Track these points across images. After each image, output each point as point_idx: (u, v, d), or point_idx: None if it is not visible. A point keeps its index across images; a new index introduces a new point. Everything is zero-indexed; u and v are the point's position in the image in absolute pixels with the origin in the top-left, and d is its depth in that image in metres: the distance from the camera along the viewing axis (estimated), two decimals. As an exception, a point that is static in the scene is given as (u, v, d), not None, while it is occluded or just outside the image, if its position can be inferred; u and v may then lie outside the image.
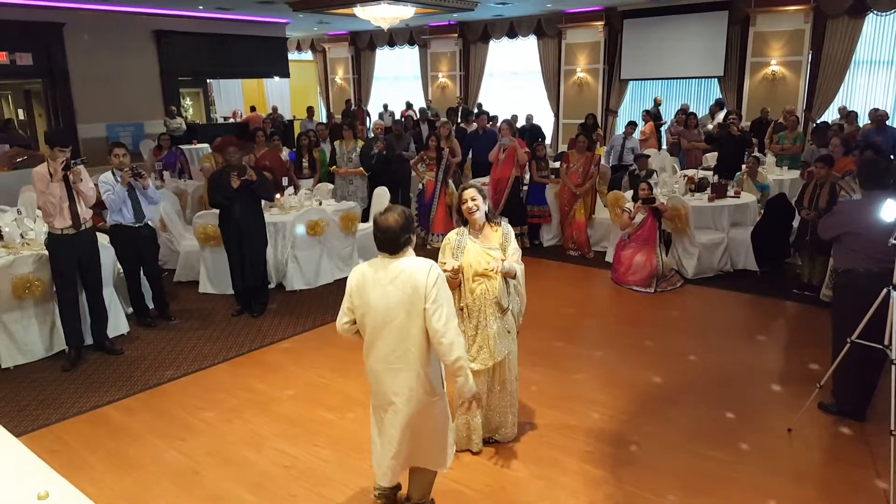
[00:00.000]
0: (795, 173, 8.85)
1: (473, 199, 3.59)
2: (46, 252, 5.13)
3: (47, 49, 13.21)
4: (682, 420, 4.22)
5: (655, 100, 14.57)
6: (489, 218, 3.69)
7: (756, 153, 9.32)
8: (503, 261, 3.54)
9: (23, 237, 5.79)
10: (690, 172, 8.87)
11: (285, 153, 9.56)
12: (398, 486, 3.32)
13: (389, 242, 2.82)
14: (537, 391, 4.60)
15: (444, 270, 3.34)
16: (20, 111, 16.41)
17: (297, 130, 14.49)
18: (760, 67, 13.56)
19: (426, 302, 2.77)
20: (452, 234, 3.68)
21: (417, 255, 2.94)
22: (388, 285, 2.82)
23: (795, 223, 6.98)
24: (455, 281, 3.54)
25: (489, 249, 3.61)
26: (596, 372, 4.94)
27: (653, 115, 13.17)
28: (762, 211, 7.43)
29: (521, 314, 3.87)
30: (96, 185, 5.35)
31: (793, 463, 3.75)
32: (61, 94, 13.51)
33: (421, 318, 2.80)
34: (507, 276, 3.62)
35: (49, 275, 5.17)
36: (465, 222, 3.70)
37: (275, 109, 16.28)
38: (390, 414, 2.94)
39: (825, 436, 4.06)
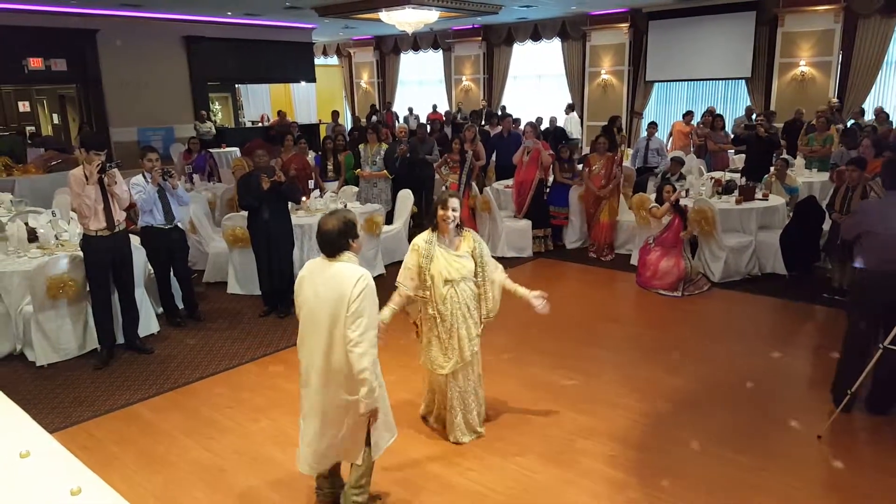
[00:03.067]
0: (825, 175, 8.71)
1: (455, 210, 3.71)
2: (80, 253, 5.26)
3: (81, 55, 13.55)
4: (709, 425, 4.17)
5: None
6: (458, 226, 3.82)
7: (785, 155, 9.19)
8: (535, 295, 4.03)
9: (57, 238, 5.95)
10: (717, 175, 8.77)
11: (311, 156, 9.66)
12: (339, 481, 3.33)
13: (325, 245, 2.96)
14: (561, 394, 4.60)
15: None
16: (55, 116, 16.81)
17: (322, 134, 14.63)
18: (789, 68, 13.36)
19: (347, 310, 2.83)
20: (421, 241, 3.77)
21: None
22: (320, 285, 2.93)
23: (825, 226, 6.86)
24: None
25: (458, 256, 3.77)
26: (620, 375, 4.91)
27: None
28: (791, 214, 7.32)
29: (495, 313, 4.03)
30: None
31: (823, 470, 3.70)
32: (94, 98, 13.84)
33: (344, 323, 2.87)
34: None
35: (83, 275, 5.29)
36: (433, 227, 3.82)
37: (283, 115, 16.44)
38: (315, 408, 3.05)
39: (856, 443, 3.99)
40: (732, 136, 11.10)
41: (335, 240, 2.93)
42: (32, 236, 5.89)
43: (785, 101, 13.07)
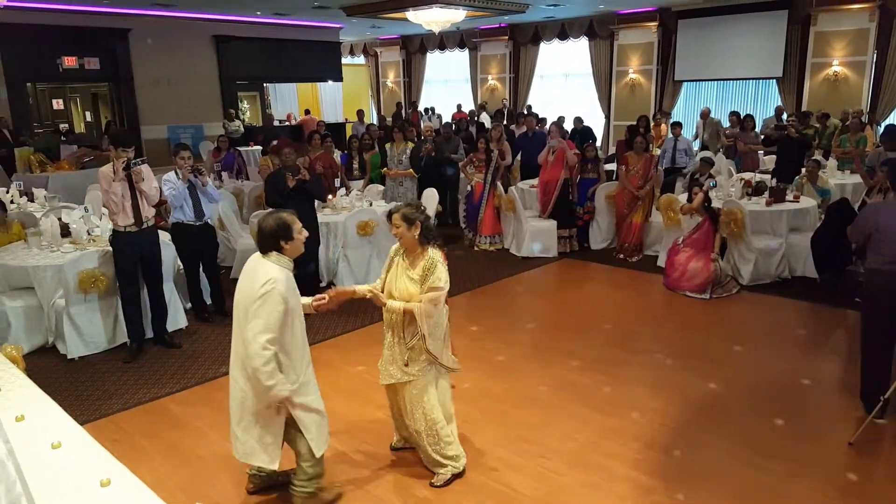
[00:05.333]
0: (858, 178, 8.53)
1: (397, 227, 3.43)
2: (111, 248, 5.34)
3: (114, 54, 13.81)
4: (737, 430, 4.11)
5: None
6: (424, 241, 3.46)
7: (816, 157, 9.02)
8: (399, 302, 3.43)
9: (89, 234, 6.06)
10: (747, 176, 8.63)
11: (337, 155, 9.72)
12: (274, 470, 3.36)
13: (258, 241, 3.13)
14: (587, 396, 4.56)
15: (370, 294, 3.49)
16: (87, 114, 17.13)
17: (348, 133, 14.72)
18: (822, 68, 13.10)
19: (251, 306, 2.96)
20: (393, 249, 3.63)
21: (463, 256, 2.97)
22: (243, 279, 3.11)
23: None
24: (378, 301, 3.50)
25: (409, 278, 3.46)
26: (648, 378, 4.85)
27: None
28: (823, 216, 7.18)
29: (444, 357, 3.50)
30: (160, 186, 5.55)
31: (854, 478, 3.61)
32: (126, 97, 14.10)
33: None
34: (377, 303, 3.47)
35: (113, 270, 5.37)
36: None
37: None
38: (234, 396, 3.19)
39: (890, 450, 3.90)
40: (762, 136, 10.92)
41: (265, 238, 3.08)
42: (65, 231, 6.00)
43: (817, 102, 12.82)
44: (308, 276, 6.28)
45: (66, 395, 4.64)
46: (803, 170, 8.07)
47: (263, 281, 2.96)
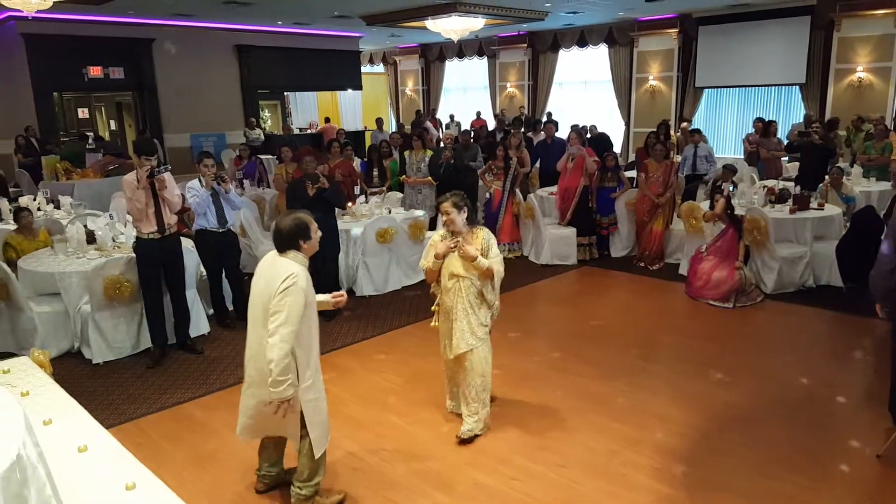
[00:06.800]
0: (884, 185, 8.43)
1: (448, 214, 3.90)
2: (134, 255, 5.42)
3: (137, 63, 14.05)
4: (760, 441, 4.05)
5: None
6: (469, 223, 3.97)
7: (840, 164, 8.90)
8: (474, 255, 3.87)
9: (114, 240, 6.15)
10: (770, 183, 8.54)
11: (357, 163, 9.78)
12: (281, 469, 3.55)
13: (276, 241, 3.21)
14: (607, 405, 4.53)
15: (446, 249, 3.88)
16: (112, 122, 17.41)
17: (367, 141, 14.82)
18: (845, 74, 12.95)
19: (271, 302, 3.03)
20: (437, 238, 4.02)
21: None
22: (261, 276, 3.20)
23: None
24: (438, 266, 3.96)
25: None
26: (669, 387, 4.80)
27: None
28: (848, 224, 7.07)
29: (496, 311, 4.10)
30: (184, 194, 5.63)
31: (882, 491, 3.55)
32: (150, 105, 14.32)
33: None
34: (468, 258, 3.85)
35: (137, 277, 5.44)
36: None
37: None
38: (246, 386, 3.34)
39: (917, 463, 3.82)
40: (786, 142, 10.81)
41: (284, 238, 3.17)
42: (91, 238, 6.10)
43: (841, 109, 12.67)
44: (329, 283, 6.31)
45: (91, 400, 4.70)
46: (827, 177, 7.97)
47: (285, 275, 3.04)
